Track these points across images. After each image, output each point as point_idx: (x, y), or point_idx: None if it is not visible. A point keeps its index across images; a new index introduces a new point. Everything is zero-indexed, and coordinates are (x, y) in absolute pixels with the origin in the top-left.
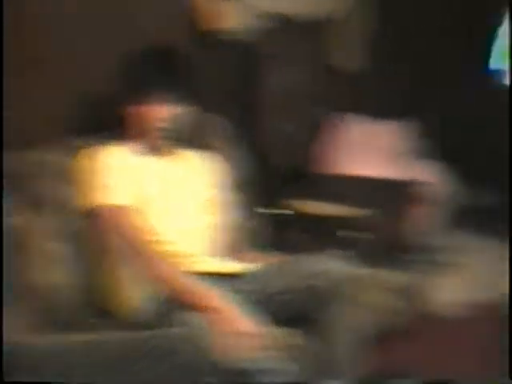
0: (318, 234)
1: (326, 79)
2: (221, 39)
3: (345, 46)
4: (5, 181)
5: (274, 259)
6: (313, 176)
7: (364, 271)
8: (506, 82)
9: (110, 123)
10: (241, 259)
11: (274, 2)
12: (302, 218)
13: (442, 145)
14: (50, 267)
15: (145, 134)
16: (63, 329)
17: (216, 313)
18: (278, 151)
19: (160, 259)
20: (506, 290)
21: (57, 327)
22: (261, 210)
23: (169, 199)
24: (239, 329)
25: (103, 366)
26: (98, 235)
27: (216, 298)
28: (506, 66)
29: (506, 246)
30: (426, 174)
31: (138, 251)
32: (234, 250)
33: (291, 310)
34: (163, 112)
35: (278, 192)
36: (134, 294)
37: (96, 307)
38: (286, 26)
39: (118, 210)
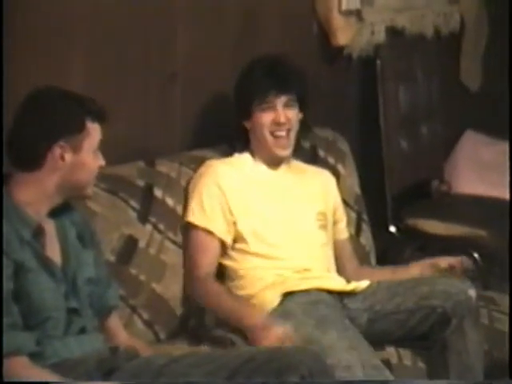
0: (433, 253)
1: (450, 96)
2: (344, 54)
3: (470, 62)
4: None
5: (386, 277)
6: (436, 195)
7: (482, 293)
8: None
9: (227, 135)
10: (352, 276)
11: (395, 16)
12: (420, 237)
13: None
14: (165, 277)
15: (261, 141)
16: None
17: (256, 331)
18: (398, 169)
19: (209, 279)
20: None
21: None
22: (377, 228)
23: (282, 212)
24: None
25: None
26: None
27: (257, 317)
28: None
29: None
30: None
31: (192, 270)
32: (345, 267)
33: (405, 330)
34: (278, 116)
35: (397, 209)
36: None
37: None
38: (406, 41)
39: (203, 235)
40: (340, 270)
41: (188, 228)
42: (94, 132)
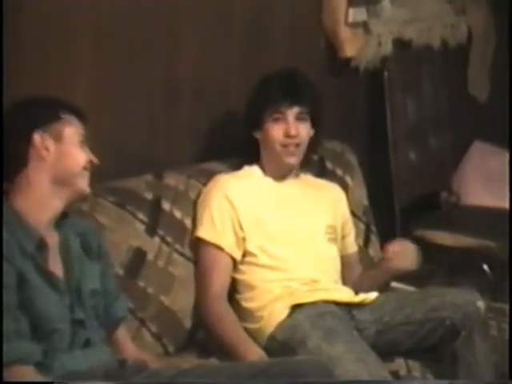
0: (443, 265)
1: (458, 107)
2: (351, 66)
3: (478, 72)
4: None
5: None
6: (445, 206)
7: (491, 304)
8: None
9: (234, 148)
10: (359, 288)
11: (402, 28)
12: (429, 249)
13: None
14: (173, 290)
15: (270, 151)
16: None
17: None
18: (406, 180)
19: (222, 299)
20: None
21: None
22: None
23: (291, 225)
24: None
25: None
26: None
27: (254, 351)
28: None
29: None
30: None
31: (205, 287)
32: (352, 279)
33: (413, 341)
34: (288, 128)
35: (406, 221)
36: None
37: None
38: (414, 53)
39: (214, 251)
40: (346, 282)
41: (198, 244)
42: (73, 123)
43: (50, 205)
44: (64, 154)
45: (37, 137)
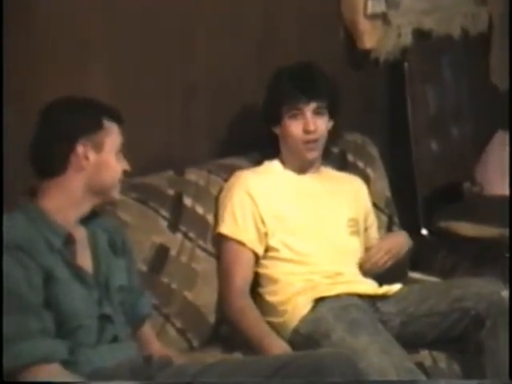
0: (467, 256)
1: (480, 96)
2: (371, 58)
3: (500, 61)
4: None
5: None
6: (468, 197)
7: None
8: None
9: (253, 143)
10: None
11: (421, 18)
12: (453, 239)
13: None
14: (197, 285)
15: (291, 147)
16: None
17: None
18: (428, 171)
19: (245, 295)
20: None
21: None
22: (408, 231)
23: (312, 219)
24: None
25: None
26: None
27: (279, 345)
28: None
29: None
30: None
31: (228, 283)
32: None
33: (438, 332)
34: (307, 124)
35: (429, 212)
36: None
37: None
38: (434, 43)
39: (236, 247)
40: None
41: (220, 240)
42: (113, 131)
43: (78, 206)
44: (103, 165)
45: (80, 148)
